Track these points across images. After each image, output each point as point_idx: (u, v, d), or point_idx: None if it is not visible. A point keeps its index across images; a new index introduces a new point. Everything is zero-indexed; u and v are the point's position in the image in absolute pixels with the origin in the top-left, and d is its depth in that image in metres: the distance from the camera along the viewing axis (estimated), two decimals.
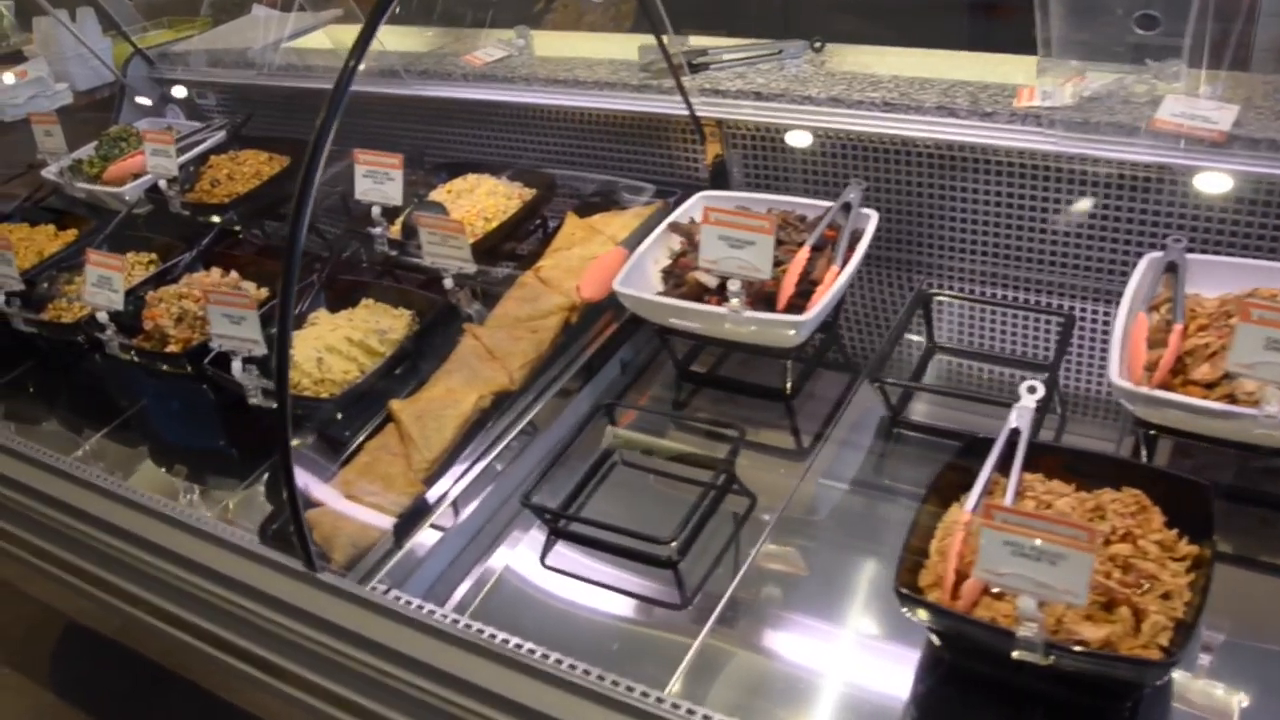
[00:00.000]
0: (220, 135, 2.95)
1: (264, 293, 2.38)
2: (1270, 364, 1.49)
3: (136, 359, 2.23)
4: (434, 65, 2.71)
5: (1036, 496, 1.59)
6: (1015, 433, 1.63)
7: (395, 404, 1.99)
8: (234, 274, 2.44)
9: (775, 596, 1.68)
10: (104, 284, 2.18)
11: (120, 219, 2.69)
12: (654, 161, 2.54)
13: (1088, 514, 1.55)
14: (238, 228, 2.70)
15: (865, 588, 1.65)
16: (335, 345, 2.11)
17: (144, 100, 3.22)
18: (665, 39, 2.21)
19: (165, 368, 2.24)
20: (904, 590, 1.43)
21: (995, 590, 1.38)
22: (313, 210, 2.87)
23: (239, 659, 1.73)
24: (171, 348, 2.23)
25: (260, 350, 1.94)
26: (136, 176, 2.82)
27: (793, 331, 1.92)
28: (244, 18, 3.39)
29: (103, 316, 2.20)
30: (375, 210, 2.32)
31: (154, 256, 2.61)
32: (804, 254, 2.00)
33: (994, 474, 1.57)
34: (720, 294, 1.98)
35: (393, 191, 2.28)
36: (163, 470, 2.22)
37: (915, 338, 2.09)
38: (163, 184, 2.63)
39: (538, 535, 1.83)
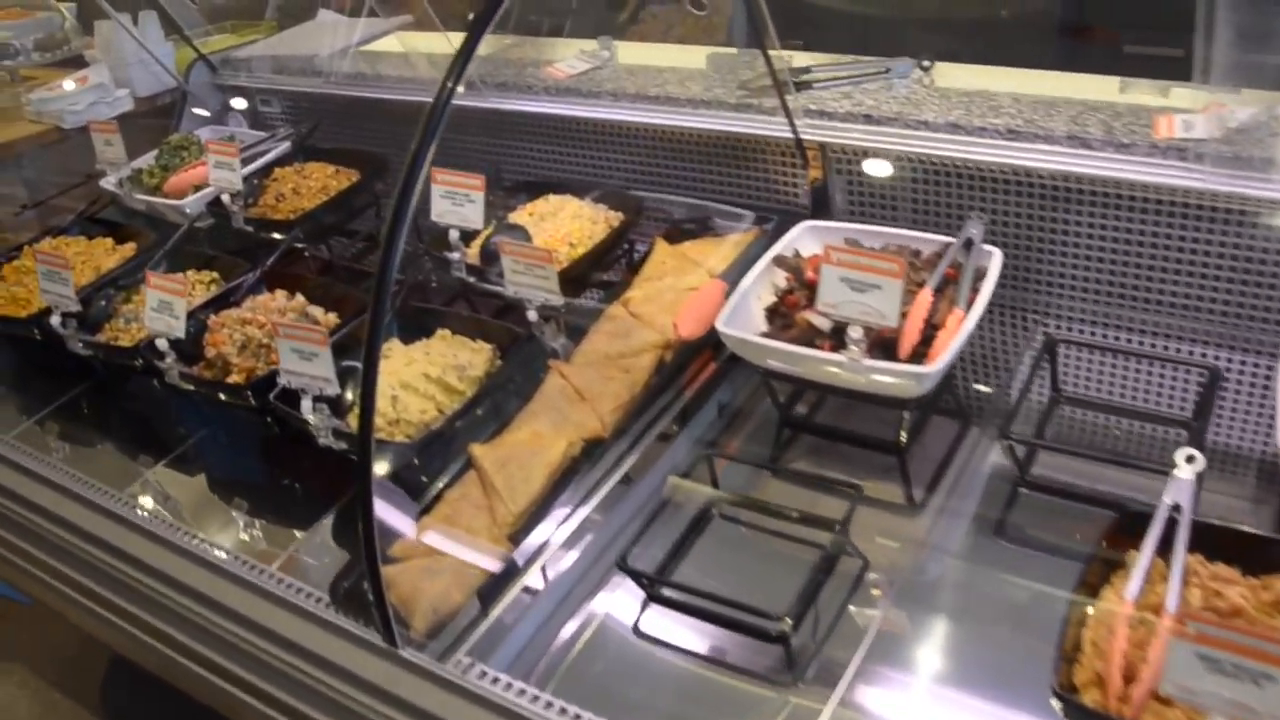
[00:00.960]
0: (285, 146, 2.82)
1: (333, 319, 2.24)
2: None
3: (197, 389, 2.09)
4: (513, 77, 2.56)
5: (1202, 584, 1.43)
6: (1171, 508, 1.46)
7: (477, 449, 1.84)
8: (299, 297, 2.29)
9: (900, 679, 1.51)
10: (165, 309, 2.05)
11: (180, 234, 2.56)
12: (748, 185, 2.37)
13: (1265, 607, 1.38)
14: (301, 245, 2.55)
15: (1002, 672, 1.49)
16: (411, 382, 1.96)
17: (205, 109, 3.08)
18: (771, 54, 2.04)
19: (226, 399, 2.09)
20: (1063, 693, 1.27)
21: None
22: (379, 223, 2.76)
23: None
24: (234, 377, 2.09)
25: (333, 390, 1.79)
26: (198, 188, 2.68)
27: (917, 383, 1.74)
28: (310, 23, 3.26)
29: (162, 343, 2.06)
30: (453, 234, 2.17)
31: (215, 275, 2.47)
32: (927, 296, 1.83)
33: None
34: (835, 338, 1.81)
35: (473, 215, 2.13)
36: (221, 508, 2.07)
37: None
38: (225, 198, 2.49)
39: (631, 597, 1.68)
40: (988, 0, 2.67)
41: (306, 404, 1.81)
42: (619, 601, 1.69)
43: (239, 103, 3.16)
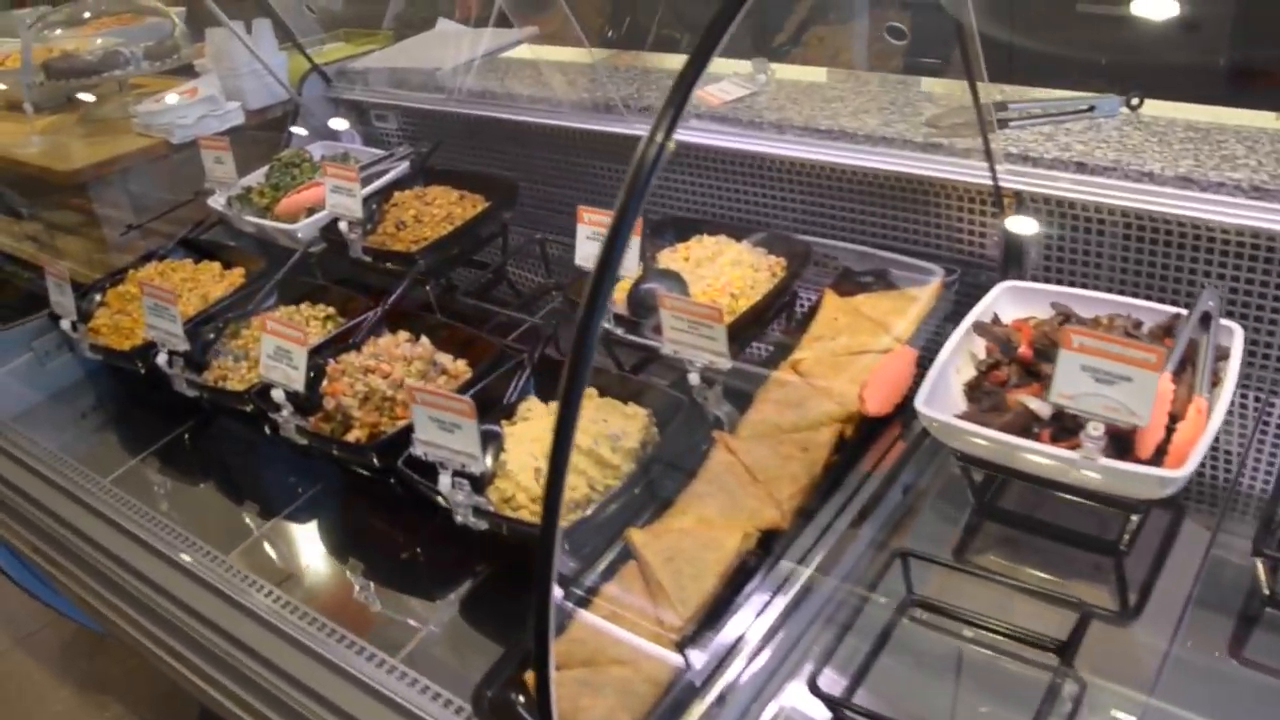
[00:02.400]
0: (403, 167, 2.61)
1: (462, 367, 2.02)
2: None
3: (314, 446, 1.88)
4: (659, 101, 2.31)
5: None
6: None
7: (638, 536, 1.62)
8: (424, 341, 2.07)
9: None
10: (282, 357, 1.85)
11: (292, 263, 2.36)
12: (924, 233, 2.12)
13: None
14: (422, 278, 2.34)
15: None
16: None
17: (317, 123, 2.89)
18: (979, 88, 1.78)
19: (347, 459, 1.88)
20: None
21: None
22: (505, 255, 2.54)
23: None
24: (355, 433, 1.88)
25: (478, 468, 1.57)
26: (310, 211, 2.48)
27: (1160, 487, 1.48)
28: (428, 33, 3.06)
29: (278, 394, 1.86)
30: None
31: (331, 310, 2.28)
32: (1168, 383, 1.56)
33: None
34: (1055, 425, 1.56)
35: (626, 260, 1.89)
36: (335, 578, 1.86)
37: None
38: (343, 226, 2.28)
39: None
40: (1158, 37, 2.38)
41: (446, 480, 1.60)
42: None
43: (350, 118, 2.95)
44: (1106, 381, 1.45)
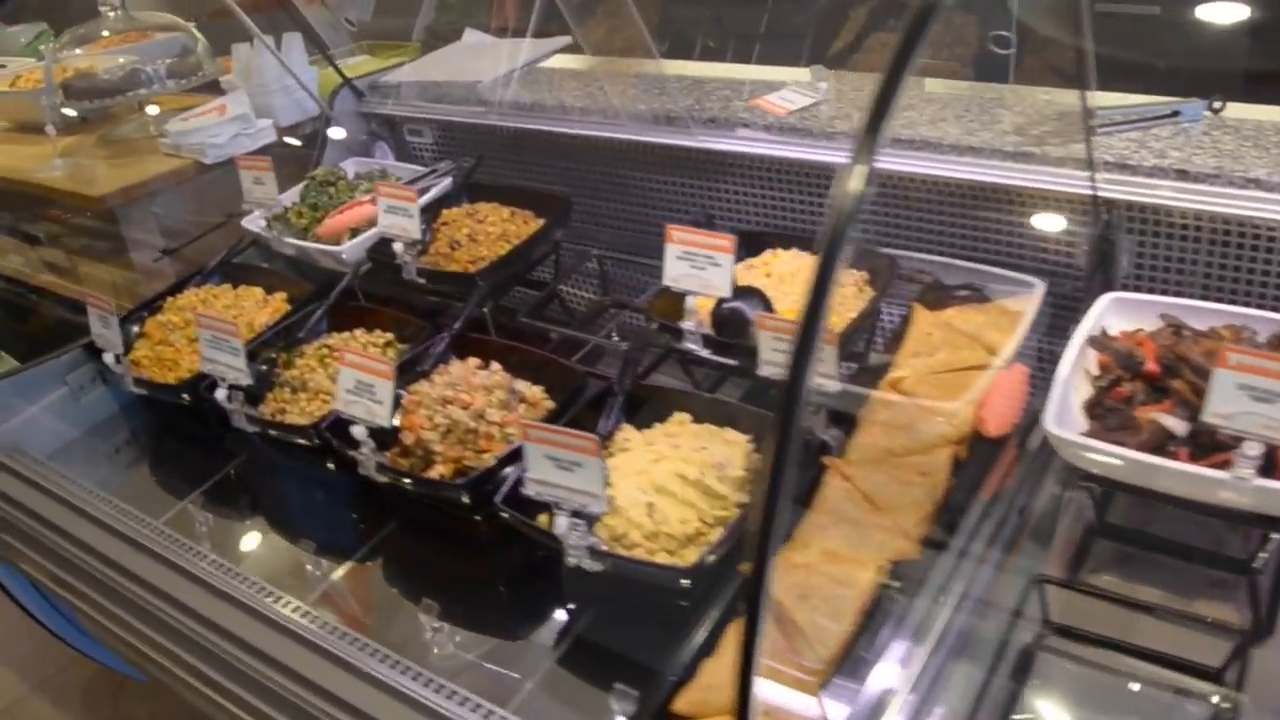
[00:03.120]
0: (446, 183, 2.51)
1: (538, 393, 1.94)
2: None
3: (398, 485, 1.78)
4: (720, 111, 2.25)
5: None
6: None
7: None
8: (496, 368, 1.98)
9: None
10: (364, 391, 1.75)
11: (343, 287, 2.25)
12: (1007, 243, 2.05)
13: None
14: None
15: None
16: (665, 485, 1.64)
17: (349, 139, 2.78)
18: (1086, 96, 1.71)
19: (435, 498, 1.79)
20: None
21: None
22: (559, 273, 2.45)
23: None
24: (439, 469, 1.79)
25: (600, 508, 1.48)
26: (354, 232, 2.38)
27: None
28: (456, 45, 2.96)
29: (360, 431, 1.76)
30: (690, 300, 1.86)
31: (389, 336, 2.17)
32: None
33: None
34: (1191, 443, 1.50)
35: (719, 281, 1.82)
36: (423, 623, 1.76)
37: None
38: (398, 247, 2.18)
39: None
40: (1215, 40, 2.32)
41: (564, 521, 1.50)
42: None
43: (381, 133, 2.85)
44: (1265, 400, 1.38)
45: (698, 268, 1.84)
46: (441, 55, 2.91)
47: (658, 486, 1.65)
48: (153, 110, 2.91)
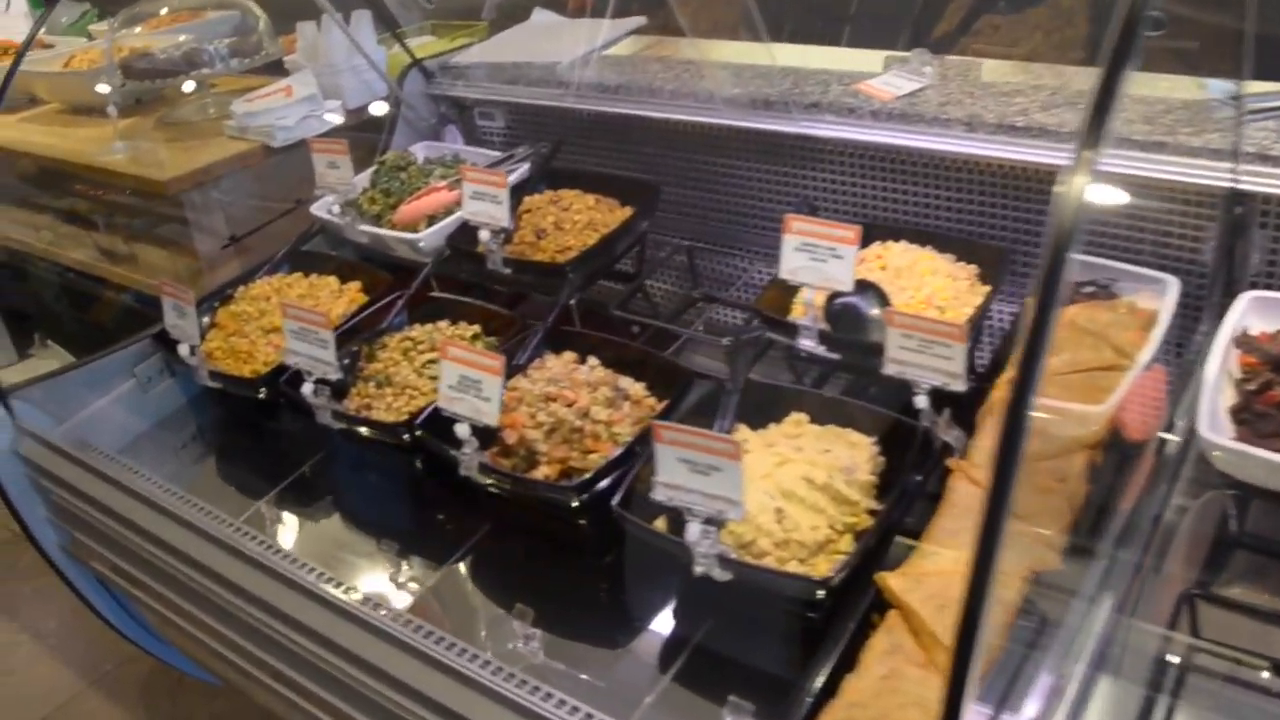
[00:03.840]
0: (524, 169, 2.43)
1: (640, 390, 1.87)
2: None
3: (502, 487, 1.71)
4: (821, 95, 2.16)
5: None
6: None
7: (895, 583, 1.46)
8: (594, 362, 1.91)
9: None
10: (470, 388, 1.68)
11: (424, 277, 2.18)
12: (1125, 238, 1.96)
13: None
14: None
15: None
16: (793, 489, 1.57)
17: (418, 122, 2.70)
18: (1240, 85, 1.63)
19: (538, 496, 1.72)
20: None
21: None
22: (642, 264, 2.38)
23: None
24: (544, 470, 1.72)
25: (737, 515, 1.41)
26: (431, 220, 2.31)
27: None
28: (525, 24, 2.87)
29: (464, 430, 1.68)
30: (807, 295, 1.78)
31: (476, 329, 2.10)
32: None
33: None
34: None
35: (840, 274, 1.75)
36: (522, 638, 1.68)
37: None
38: (484, 235, 2.11)
39: None
40: None
41: (696, 528, 1.43)
42: None
43: (450, 115, 2.77)
44: None
45: (818, 260, 1.76)
46: (511, 36, 2.83)
47: (785, 491, 1.58)
48: (210, 91, 2.84)
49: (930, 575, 1.49)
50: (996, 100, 2.06)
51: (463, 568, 1.82)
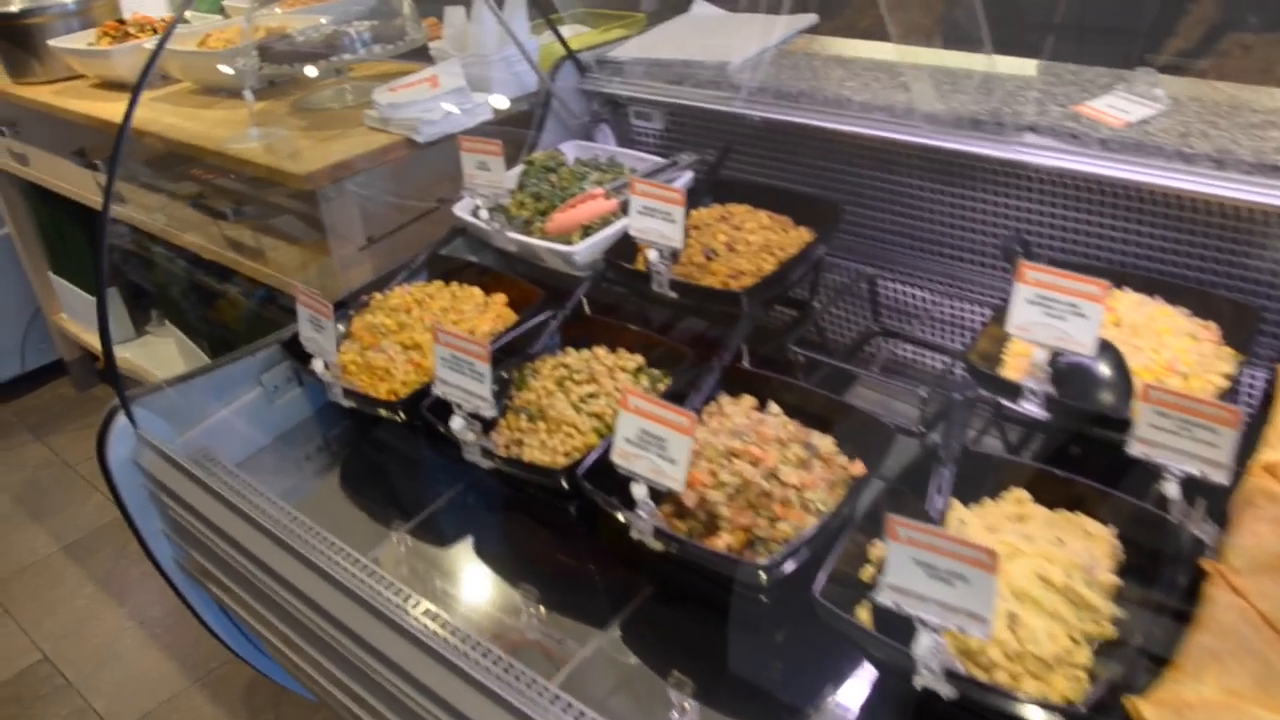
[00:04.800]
0: (686, 178, 2.23)
1: (829, 445, 1.66)
2: None
3: (681, 555, 1.52)
4: (1038, 117, 1.92)
5: None
6: None
7: (1149, 710, 1.24)
8: (775, 409, 1.71)
9: None
10: (652, 444, 1.49)
11: (580, 296, 1.99)
12: None
13: None
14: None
15: None
16: (1028, 590, 1.35)
17: (568, 119, 2.51)
18: None
19: (723, 570, 1.51)
20: None
21: None
22: (814, 293, 2.16)
23: None
24: (725, 538, 1.53)
25: (982, 633, 1.19)
26: (586, 230, 2.12)
27: None
28: (683, 18, 2.67)
29: (640, 491, 1.49)
30: (1039, 355, 1.55)
31: (639, 361, 1.90)
32: None
33: None
34: None
35: (1081, 335, 1.51)
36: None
37: None
38: (653, 255, 1.91)
39: None
40: None
41: (927, 641, 1.22)
42: None
43: (603, 114, 2.57)
44: None
45: (1054, 316, 1.53)
46: (671, 29, 2.62)
47: (1018, 591, 1.36)
48: (348, 77, 2.68)
49: (1194, 708, 1.26)
50: (1247, 133, 1.81)
51: (618, 632, 1.64)
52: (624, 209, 2.20)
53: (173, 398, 2.04)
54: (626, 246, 2.08)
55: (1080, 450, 1.66)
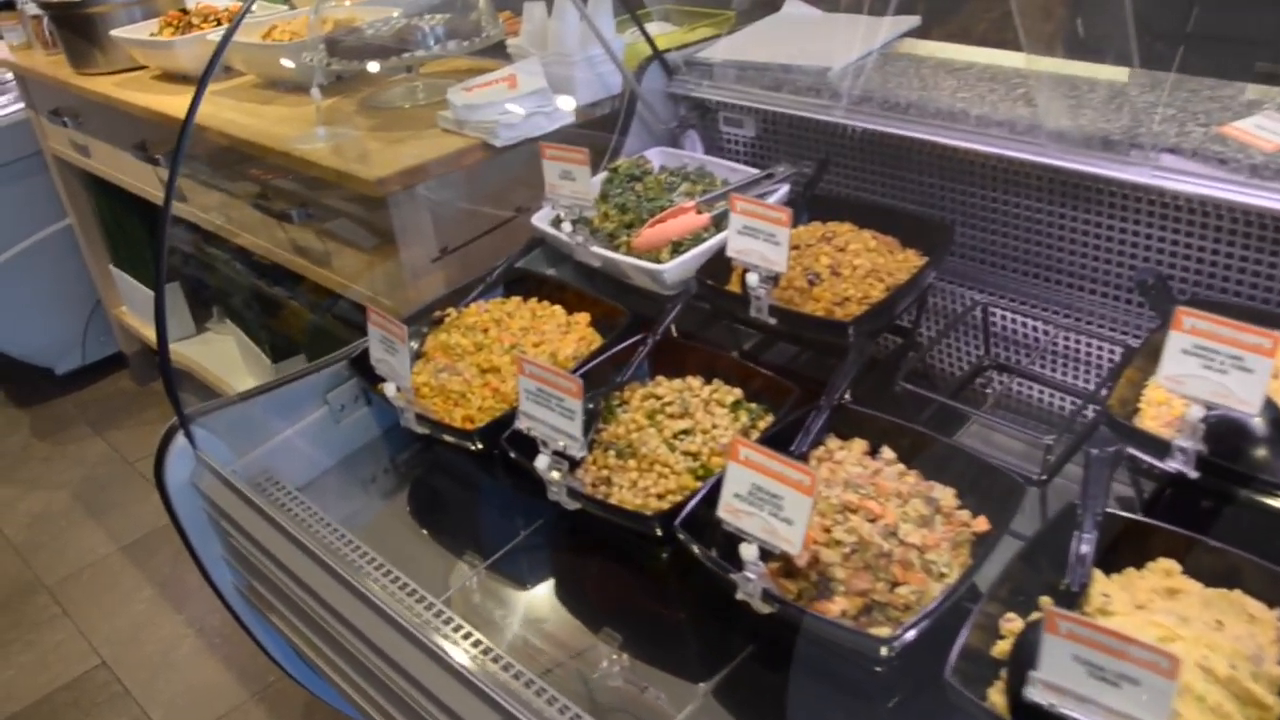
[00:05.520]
0: (783, 191, 2.09)
1: (950, 497, 1.51)
2: None
3: (805, 623, 1.38)
4: (1179, 138, 1.76)
5: None
6: None
7: None
8: (889, 455, 1.57)
9: None
10: (765, 502, 1.36)
11: (670, 319, 1.85)
12: None
13: None
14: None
15: None
16: (1189, 684, 1.21)
17: (652, 124, 2.37)
18: None
19: (839, 642, 1.38)
20: None
21: None
22: (919, 321, 2.01)
23: None
24: (840, 603, 1.40)
25: None
26: (677, 247, 1.98)
27: None
28: (773, 18, 2.52)
29: (750, 552, 1.36)
30: (1194, 411, 1.40)
31: (738, 394, 1.77)
32: None
33: None
34: None
35: (1246, 392, 1.35)
36: None
37: None
38: (753, 279, 1.77)
39: None
40: None
41: None
42: None
43: (690, 119, 2.43)
44: None
45: (1215, 370, 1.37)
46: (762, 30, 2.47)
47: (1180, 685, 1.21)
48: (420, 74, 2.56)
49: None
50: None
51: (713, 694, 1.51)
52: (716, 224, 2.07)
53: (234, 416, 1.93)
54: (717, 265, 1.95)
55: (1232, 514, 1.51)
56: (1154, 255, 1.83)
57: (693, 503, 1.52)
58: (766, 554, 1.41)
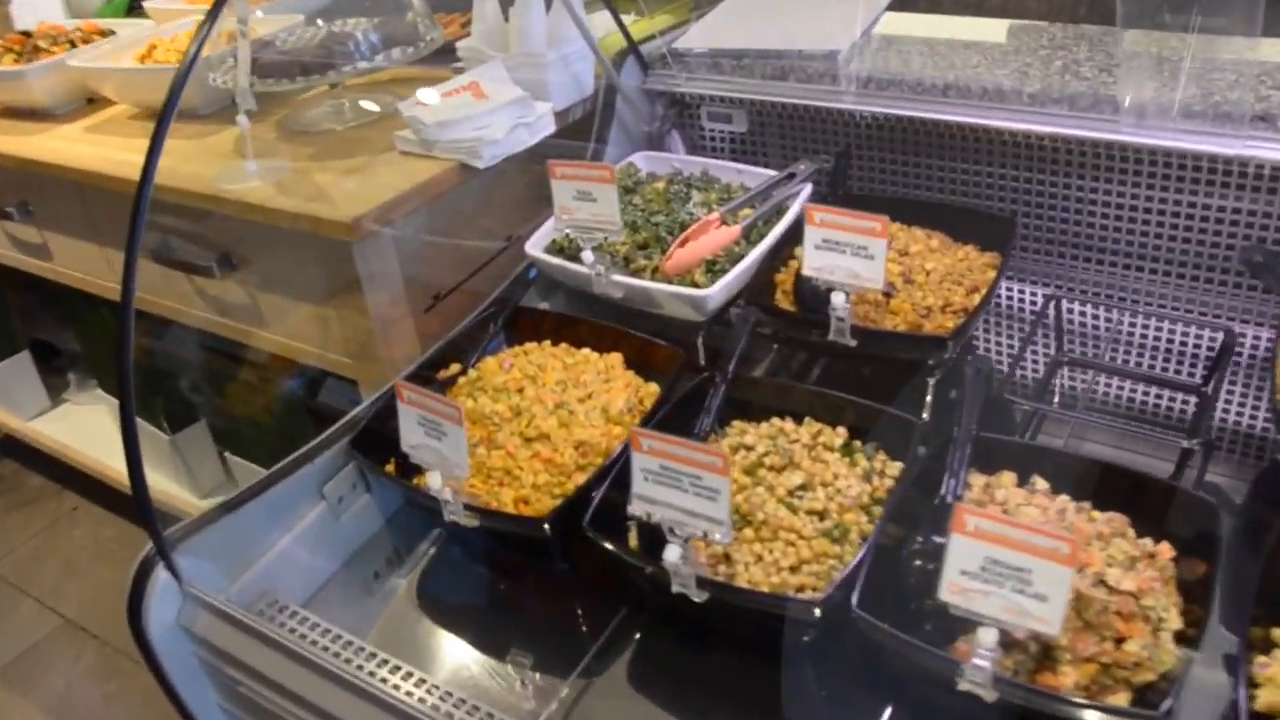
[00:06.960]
0: (805, 192, 1.89)
1: (1130, 530, 1.35)
2: None
3: (1031, 705, 1.19)
4: (1263, 105, 1.65)
5: None
6: None
7: None
8: (1041, 485, 1.39)
9: None
10: (1009, 578, 1.15)
11: (738, 356, 1.63)
12: None
13: None
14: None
15: None
16: None
17: (631, 126, 2.12)
18: None
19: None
20: None
21: None
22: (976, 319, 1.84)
23: None
24: (1069, 675, 1.25)
25: None
26: (712, 267, 1.76)
27: None
28: None
29: (988, 636, 1.16)
30: None
31: (843, 434, 1.57)
32: None
33: None
34: None
35: None
36: None
37: None
38: (838, 299, 1.58)
39: None
40: None
41: None
42: None
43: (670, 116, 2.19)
44: None
45: None
46: (734, 12, 2.24)
47: None
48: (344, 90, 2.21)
49: None
50: None
51: None
52: (746, 236, 1.85)
53: (223, 533, 1.58)
54: (759, 283, 1.74)
55: None
56: (1244, 229, 1.73)
57: (861, 578, 1.30)
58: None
